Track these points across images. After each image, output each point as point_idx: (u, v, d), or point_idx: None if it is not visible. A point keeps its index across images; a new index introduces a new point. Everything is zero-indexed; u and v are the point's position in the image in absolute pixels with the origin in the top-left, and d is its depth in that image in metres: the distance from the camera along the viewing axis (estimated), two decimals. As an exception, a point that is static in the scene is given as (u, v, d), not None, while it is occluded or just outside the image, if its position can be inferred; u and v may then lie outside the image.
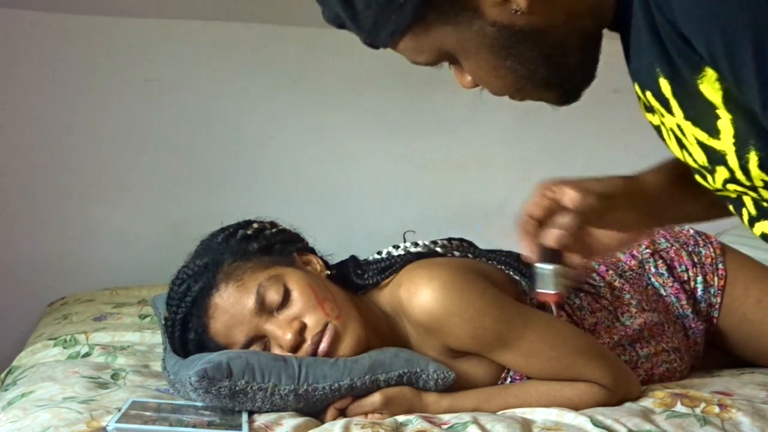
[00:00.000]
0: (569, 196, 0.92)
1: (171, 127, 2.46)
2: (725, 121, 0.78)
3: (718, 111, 0.78)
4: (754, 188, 0.83)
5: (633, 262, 1.51)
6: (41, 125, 2.38)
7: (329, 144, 2.57)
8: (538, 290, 0.95)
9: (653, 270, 1.51)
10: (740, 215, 0.90)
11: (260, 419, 1.17)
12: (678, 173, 0.97)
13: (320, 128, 2.56)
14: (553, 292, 0.95)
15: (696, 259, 1.53)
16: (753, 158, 0.78)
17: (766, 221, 0.87)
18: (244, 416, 1.17)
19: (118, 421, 1.11)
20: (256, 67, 2.51)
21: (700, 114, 0.80)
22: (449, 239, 1.42)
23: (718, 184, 0.86)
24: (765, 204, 0.85)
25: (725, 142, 0.80)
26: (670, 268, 1.52)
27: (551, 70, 0.87)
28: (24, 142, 2.38)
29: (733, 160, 0.81)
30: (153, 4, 2.40)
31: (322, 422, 1.20)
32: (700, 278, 1.51)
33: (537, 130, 2.44)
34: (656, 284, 1.50)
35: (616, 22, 0.86)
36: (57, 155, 2.39)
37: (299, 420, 1.17)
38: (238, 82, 2.50)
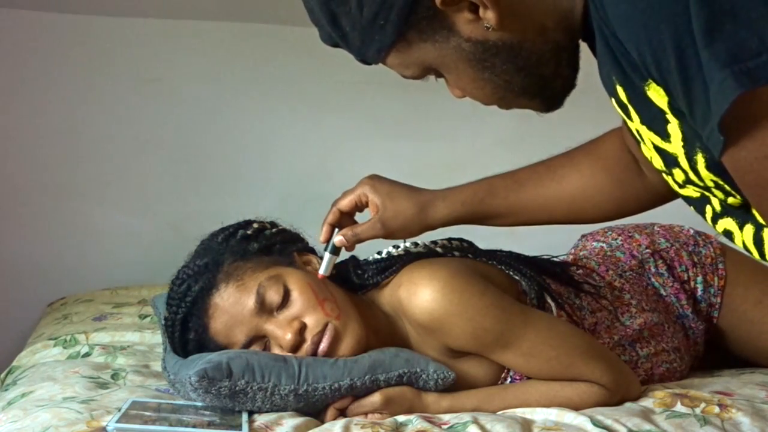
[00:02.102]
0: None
1: (171, 127, 2.46)
2: (674, 125, 0.83)
3: (666, 115, 0.82)
4: (707, 189, 0.86)
5: (633, 262, 1.51)
6: (41, 125, 2.38)
7: (329, 144, 2.57)
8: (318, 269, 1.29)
9: (653, 270, 1.51)
10: (703, 214, 0.94)
11: (260, 419, 1.17)
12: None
13: (320, 129, 2.56)
14: (322, 273, 1.28)
15: (696, 259, 1.53)
16: (700, 160, 0.83)
17: (728, 218, 0.91)
18: (244, 416, 1.17)
19: (118, 421, 1.11)
20: (256, 67, 2.51)
21: (652, 118, 0.84)
22: (449, 239, 1.42)
23: (680, 185, 0.91)
24: (726, 203, 0.89)
25: (675, 145, 0.84)
26: (670, 268, 1.52)
27: (527, 80, 0.92)
28: (24, 142, 2.38)
29: (684, 162, 0.85)
30: (153, 4, 2.40)
31: (322, 422, 1.20)
32: (700, 278, 1.51)
33: (536, 133, 2.42)
34: (656, 284, 1.50)
35: (585, 34, 0.90)
36: (57, 155, 2.39)
37: (299, 420, 1.17)
38: (238, 82, 2.50)
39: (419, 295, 1.21)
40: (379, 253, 1.38)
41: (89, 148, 2.42)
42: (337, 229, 1.29)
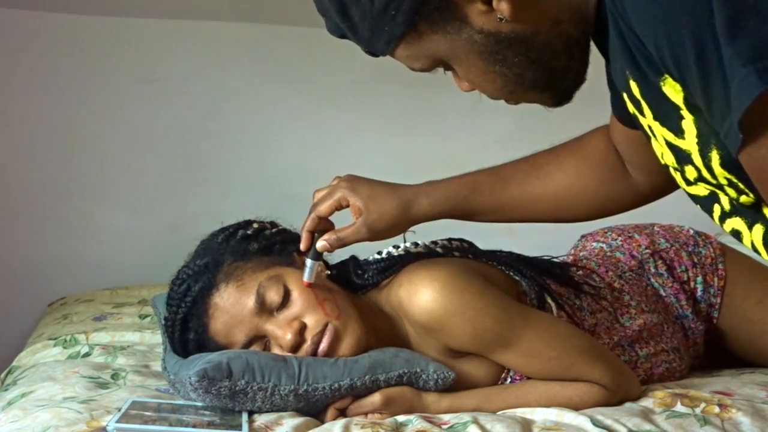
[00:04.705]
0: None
1: (171, 127, 2.46)
2: (688, 122, 0.82)
3: (681, 111, 0.81)
4: (720, 186, 0.85)
5: (633, 263, 1.51)
6: (41, 125, 2.38)
7: (329, 144, 2.57)
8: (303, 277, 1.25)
9: (653, 270, 1.51)
10: (710, 212, 0.93)
11: (260, 419, 1.17)
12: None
13: (320, 128, 2.56)
14: (306, 280, 1.24)
15: (696, 260, 1.53)
16: (715, 157, 0.82)
17: (737, 217, 0.90)
18: (244, 416, 1.17)
19: (118, 421, 1.11)
20: (256, 67, 2.51)
21: (666, 114, 0.84)
22: (449, 239, 1.42)
23: (689, 182, 0.90)
24: (737, 201, 0.88)
25: (689, 142, 0.83)
26: (670, 269, 1.52)
27: (538, 74, 0.91)
28: (24, 142, 2.38)
29: (697, 159, 0.84)
30: (153, 4, 2.40)
31: (322, 422, 1.20)
32: (700, 278, 1.51)
33: (536, 131, 2.41)
34: (656, 285, 1.50)
35: (596, 29, 0.90)
36: (57, 155, 2.39)
37: (299, 420, 1.17)
38: (239, 82, 2.50)
39: (419, 295, 1.21)
40: (379, 253, 1.38)
41: (89, 148, 2.42)
42: (317, 234, 1.26)
